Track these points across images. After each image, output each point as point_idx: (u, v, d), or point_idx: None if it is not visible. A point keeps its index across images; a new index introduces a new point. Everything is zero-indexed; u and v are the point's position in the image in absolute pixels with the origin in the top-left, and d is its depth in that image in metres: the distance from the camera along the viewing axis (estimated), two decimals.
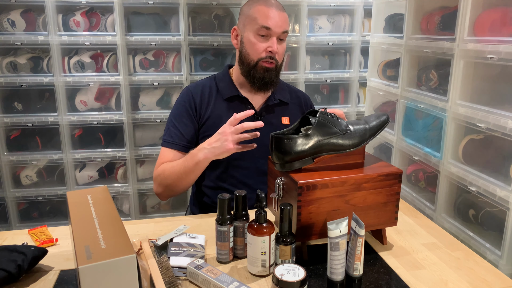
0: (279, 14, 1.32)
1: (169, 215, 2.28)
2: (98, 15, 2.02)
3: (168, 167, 1.32)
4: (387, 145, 2.04)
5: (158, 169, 1.35)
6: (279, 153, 1.00)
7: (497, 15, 1.37)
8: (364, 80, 2.29)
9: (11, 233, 1.15)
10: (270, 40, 1.32)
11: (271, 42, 1.32)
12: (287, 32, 1.36)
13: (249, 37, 1.34)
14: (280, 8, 1.34)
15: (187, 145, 1.37)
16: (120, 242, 0.74)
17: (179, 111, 1.40)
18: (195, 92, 1.41)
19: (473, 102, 1.45)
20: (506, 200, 1.28)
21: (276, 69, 1.36)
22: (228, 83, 1.42)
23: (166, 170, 1.32)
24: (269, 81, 1.36)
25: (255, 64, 1.34)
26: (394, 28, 1.98)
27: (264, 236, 0.91)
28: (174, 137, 1.37)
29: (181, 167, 1.28)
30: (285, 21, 1.33)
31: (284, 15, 1.34)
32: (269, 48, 1.32)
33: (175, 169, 1.29)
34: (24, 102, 2.05)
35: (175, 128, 1.38)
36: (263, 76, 1.34)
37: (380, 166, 1.04)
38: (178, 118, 1.39)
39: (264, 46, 1.32)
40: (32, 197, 2.11)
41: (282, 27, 1.32)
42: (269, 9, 1.31)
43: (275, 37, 1.32)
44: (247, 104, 1.40)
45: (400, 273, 0.96)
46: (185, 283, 0.92)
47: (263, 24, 1.30)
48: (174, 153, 1.36)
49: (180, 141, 1.37)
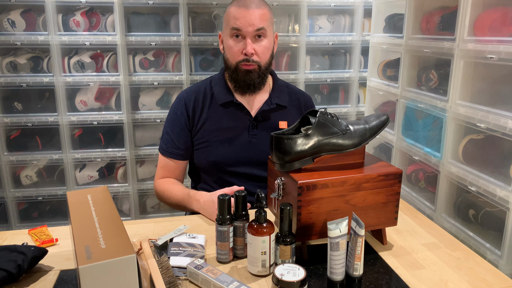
0: (250, 12, 1.25)
1: (169, 215, 2.28)
2: (98, 15, 2.02)
3: (168, 190, 1.37)
4: (387, 145, 2.04)
5: (159, 185, 1.40)
6: (279, 153, 1.00)
7: (497, 15, 1.37)
8: (364, 80, 2.29)
9: (11, 233, 1.14)
10: (244, 41, 1.28)
11: (244, 43, 1.28)
12: (264, 28, 1.28)
13: (227, 41, 1.31)
14: (253, 6, 1.27)
15: (180, 153, 1.39)
16: (120, 242, 0.74)
17: (171, 118, 1.41)
18: (189, 99, 1.39)
19: (473, 102, 1.45)
20: (506, 200, 1.28)
21: (260, 70, 1.31)
22: (223, 88, 1.38)
23: (165, 192, 1.38)
24: (251, 84, 1.32)
25: (235, 67, 1.31)
26: (394, 28, 1.98)
27: (264, 236, 0.91)
28: (167, 145, 1.40)
29: (179, 200, 1.34)
30: (258, 17, 1.26)
31: (258, 12, 1.27)
32: (244, 51, 1.28)
33: (174, 197, 1.35)
34: (24, 102, 2.05)
35: (169, 136, 1.40)
36: (244, 79, 1.31)
37: (380, 166, 1.04)
38: (171, 127, 1.40)
39: (239, 48, 1.29)
40: (32, 197, 2.11)
41: (254, 25, 1.26)
42: (239, 9, 1.27)
43: (248, 38, 1.27)
44: (242, 110, 1.37)
45: (400, 273, 0.96)
46: (185, 283, 0.92)
47: (232, 25, 1.27)
48: (169, 161, 1.40)
49: (174, 149, 1.39)
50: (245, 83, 1.32)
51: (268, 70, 1.36)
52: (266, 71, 1.34)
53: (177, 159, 1.39)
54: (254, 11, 1.27)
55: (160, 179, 1.41)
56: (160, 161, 1.42)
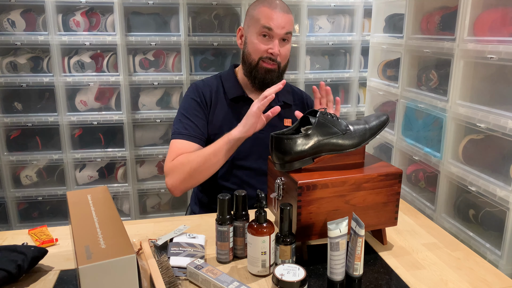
0: (282, 16, 1.31)
1: (169, 215, 2.28)
2: (98, 15, 2.02)
3: (191, 154, 1.27)
4: (387, 145, 2.04)
5: (176, 159, 1.28)
6: (279, 153, 1.00)
7: (497, 15, 1.37)
8: (364, 80, 2.29)
9: (11, 233, 1.15)
10: (272, 41, 1.32)
11: (272, 44, 1.32)
12: (291, 33, 1.35)
13: (252, 38, 1.34)
14: (284, 10, 1.33)
15: (202, 137, 1.34)
16: (120, 242, 0.74)
17: (190, 105, 1.37)
18: (205, 90, 1.40)
19: (473, 102, 1.45)
20: (506, 200, 1.28)
21: (279, 70, 1.35)
22: (234, 83, 1.42)
23: (189, 156, 1.26)
24: (270, 82, 1.34)
25: (256, 64, 1.34)
26: (394, 28, 1.98)
27: (264, 236, 0.91)
28: (189, 129, 1.33)
29: (210, 149, 1.24)
30: (288, 22, 1.33)
31: (289, 17, 1.33)
32: (270, 50, 1.32)
33: (202, 152, 1.25)
34: (24, 102, 2.05)
35: (189, 120, 1.34)
36: (264, 77, 1.34)
37: (380, 166, 1.04)
38: (190, 111, 1.36)
39: (265, 47, 1.32)
40: (32, 197, 2.11)
41: (284, 28, 1.32)
42: (273, 10, 1.31)
43: (277, 39, 1.32)
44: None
45: (400, 273, 0.96)
46: (185, 283, 0.92)
47: (265, 24, 1.30)
48: (191, 144, 1.31)
49: (196, 133, 1.33)
50: (264, 81, 1.35)
51: (285, 72, 1.40)
52: (283, 72, 1.38)
53: (200, 144, 1.32)
54: (286, 15, 1.33)
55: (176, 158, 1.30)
56: (175, 146, 1.31)
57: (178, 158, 1.28)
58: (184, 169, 1.25)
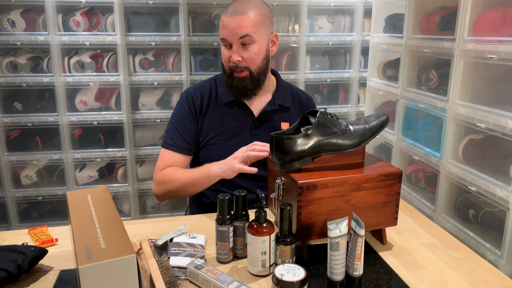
0: (234, 20, 1.24)
1: (169, 215, 2.28)
2: (98, 15, 2.02)
3: (176, 173, 1.32)
4: (387, 145, 2.04)
5: (163, 172, 1.34)
6: (279, 153, 1.00)
7: (497, 15, 1.37)
8: (364, 80, 2.29)
9: (11, 233, 1.14)
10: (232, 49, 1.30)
11: (230, 51, 1.30)
12: (248, 35, 1.25)
13: (221, 48, 1.34)
14: (239, 13, 1.25)
15: (188, 147, 1.37)
16: (120, 242, 0.74)
17: (180, 114, 1.39)
18: (195, 96, 1.40)
19: (473, 102, 1.45)
20: (506, 200, 1.28)
21: (252, 75, 1.31)
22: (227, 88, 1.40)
23: (173, 175, 1.31)
24: (244, 90, 1.33)
25: (229, 74, 1.33)
26: (394, 28, 1.98)
27: (264, 236, 0.91)
28: (175, 139, 1.36)
29: (191, 177, 1.28)
30: (241, 25, 1.24)
31: (241, 19, 1.24)
32: (231, 58, 1.30)
33: (184, 176, 1.29)
34: (24, 102, 2.05)
35: (176, 130, 1.37)
36: (237, 85, 1.33)
37: (380, 166, 1.04)
38: (179, 121, 1.38)
39: (228, 56, 1.30)
40: (32, 197, 2.11)
41: (236, 34, 1.25)
42: (226, 17, 1.27)
43: (235, 45, 1.28)
44: (246, 110, 1.38)
45: (400, 273, 0.96)
46: (185, 283, 0.92)
47: (220, 35, 1.30)
48: (176, 155, 1.36)
49: (182, 144, 1.36)
50: (239, 89, 1.33)
51: (263, 74, 1.35)
52: (260, 76, 1.34)
53: (186, 154, 1.37)
54: (238, 18, 1.24)
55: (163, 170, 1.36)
56: (163, 156, 1.37)
57: (165, 173, 1.33)
58: (167, 187, 1.32)
